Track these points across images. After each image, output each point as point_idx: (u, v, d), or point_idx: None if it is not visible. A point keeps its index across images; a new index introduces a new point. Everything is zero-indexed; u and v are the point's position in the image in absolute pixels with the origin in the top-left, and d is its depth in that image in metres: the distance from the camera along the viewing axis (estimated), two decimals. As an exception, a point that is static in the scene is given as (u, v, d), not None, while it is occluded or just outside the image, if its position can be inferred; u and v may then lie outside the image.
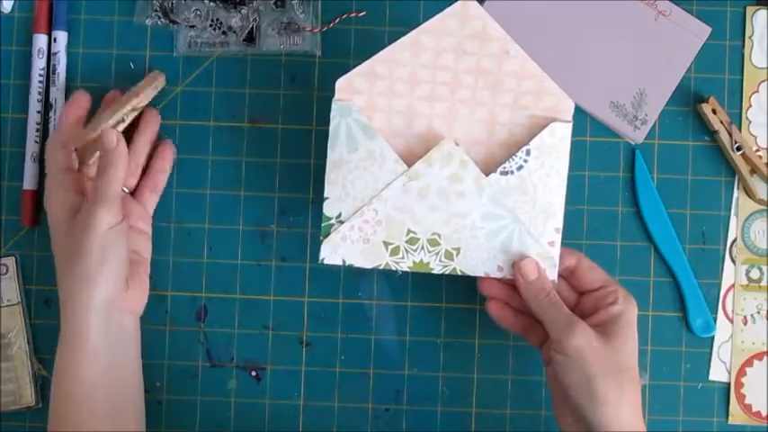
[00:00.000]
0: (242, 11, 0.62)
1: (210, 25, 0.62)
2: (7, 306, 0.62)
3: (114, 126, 0.61)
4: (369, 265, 0.55)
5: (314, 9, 0.63)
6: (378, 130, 0.54)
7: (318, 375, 0.62)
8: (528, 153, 0.55)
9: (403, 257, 0.55)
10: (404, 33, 0.63)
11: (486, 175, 0.55)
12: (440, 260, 0.55)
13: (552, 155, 0.55)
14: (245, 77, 0.63)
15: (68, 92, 0.63)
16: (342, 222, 0.54)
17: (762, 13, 0.63)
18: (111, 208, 0.53)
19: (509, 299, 0.57)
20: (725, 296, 0.62)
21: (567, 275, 0.56)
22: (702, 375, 0.62)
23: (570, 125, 0.55)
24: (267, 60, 0.63)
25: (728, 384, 0.62)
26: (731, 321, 0.62)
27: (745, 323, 0.62)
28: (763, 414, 0.62)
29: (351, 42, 0.63)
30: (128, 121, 0.60)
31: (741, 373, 0.62)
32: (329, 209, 0.54)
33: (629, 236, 0.62)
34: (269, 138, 0.63)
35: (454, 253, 0.55)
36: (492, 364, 0.62)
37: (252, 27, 0.62)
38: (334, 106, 0.54)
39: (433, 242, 0.55)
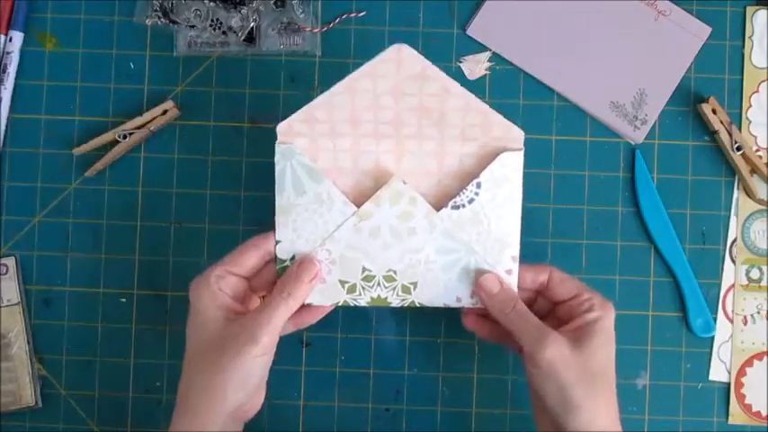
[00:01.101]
0: (242, 11, 0.62)
1: (210, 25, 0.62)
2: (7, 306, 0.62)
3: (114, 140, 0.61)
4: (326, 303, 0.55)
5: (314, 9, 0.63)
6: (324, 169, 0.54)
7: (318, 375, 0.62)
8: (479, 186, 0.54)
9: (360, 294, 0.55)
10: (404, 33, 0.63)
11: (439, 207, 0.54)
12: (397, 294, 0.55)
13: (504, 185, 0.54)
14: (245, 77, 0.63)
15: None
16: None
17: (762, 13, 0.63)
18: (272, 338, 0.51)
19: (484, 310, 0.56)
20: (725, 296, 0.62)
21: (540, 290, 0.56)
22: (702, 375, 0.62)
23: (521, 153, 0.54)
24: (267, 60, 0.63)
25: (728, 384, 0.62)
26: (731, 321, 0.62)
27: (745, 323, 0.62)
28: (763, 414, 0.62)
29: (351, 42, 0.63)
30: (129, 139, 0.61)
31: (741, 373, 0.62)
32: (282, 252, 0.54)
33: (629, 236, 0.62)
34: (269, 138, 0.62)
35: (411, 287, 0.54)
36: (492, 364, 0.62)
37: (252, 27, 0.62)
38: (277, 149, 0.53)
39: (389, 278, 0.54)
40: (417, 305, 0.55)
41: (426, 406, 0.62)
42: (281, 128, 0.53)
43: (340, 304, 0.55)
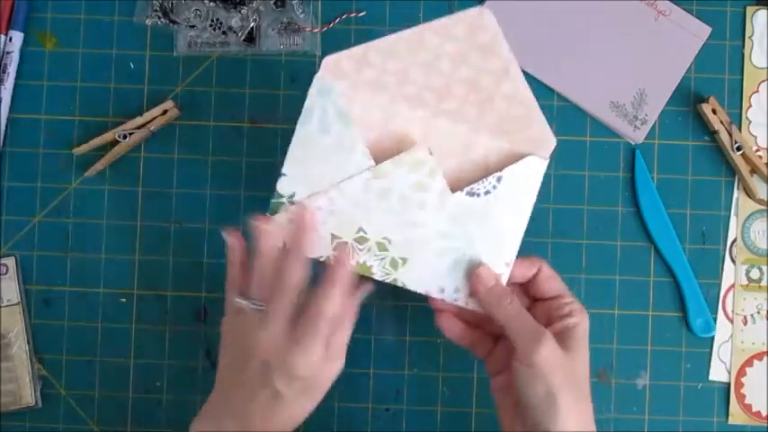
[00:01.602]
0: (242, 11, 0.62)
1: (210, 25, 0.62)
2: (7, 306, 0.62)
3: (114, 140, 0.61)
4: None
5: (314, 9, 0.63)
6: (354, 116, 0.52)
7: (318, 375, 0.62)
8: (499, 180, 0.53)
9: (348, 255, 0.53)
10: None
11: (452, 191, 0.53)
12: (384, 267, 0.53)
13: (522, 187, 0.53)
14: (245, 77, 0.63)
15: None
16: (293, 203, 0.52)
17: (762, 13, 0.63)
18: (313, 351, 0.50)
19: (461, 311, 0.55)
20: (725, 296, 0.62)
21: (525, 283, 0.55)
22: (702, 375, 0.62)
23: (546, 162, 0.54)
24: (267, 60, 0.63)
25: (728, 384, 0.62)
26: (731, 321, 0.62)
27: (745, 323, 0.62)
28: (763, 414, 0.62)
29: (351, 42, 0.63)
30: (129, 139, 0.61)
31: (741, 373, 0.62)
32: (283, 187, 0.52)
33: (629, 236, 0.62)
34: (269, 138, 0.63)
35: (400, 263, 0.53)
36: (492, 364, 0.62)
37: (252, 27, 0.62)
38: (315, 83, 0.52)
39: (382, 247, 0.53)
40: (399, 284, 0.54)
41: (426, 406, 0.62)
42: (329, 61, 0.51)
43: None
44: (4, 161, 0.63)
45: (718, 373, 0.62)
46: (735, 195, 0.63)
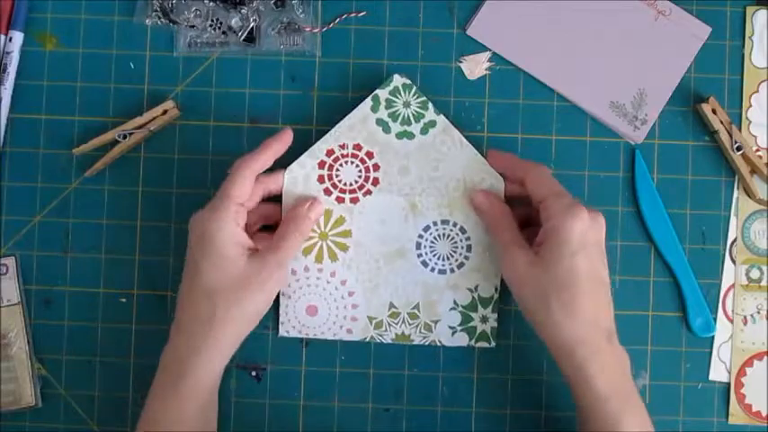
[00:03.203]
0: (242, 11, 0.62)
1: (210, 25, 0.62)
2: (7, 306, 0.62)
3: (114, 140, 0.61)
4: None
5: (314, 9, 0.63)
6: None
7: (318, 375, 0.62)
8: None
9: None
10: (404, 33, 0.63)
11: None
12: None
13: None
14: (245, 77, 0.63)
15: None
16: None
17: (762, 13, 0.63)
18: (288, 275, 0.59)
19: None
20: (725, 296, 0.62)
21: (521, 187, 0.58)
22: (702, 375, 0.62)
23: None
24: (267, 60, 0.63)
25: (728, 384, 0.62)
26: (731, 321, 0.62)
27: (745, 323, 0.62)
28: (763, 414, 0.62)
29: (351, 42, 0.63)
30: (129, 139, 0.61)
31: (741, 373, 0.62)
32: None
33: (629, 236, 0.62)
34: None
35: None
36: (492, 364, 0.62)
37: (252, 27, 0.62)
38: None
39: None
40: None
41: (426, 406, 0.62)
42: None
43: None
44: (4, 161, 0.63)
45: (718, 373, 0.62)
46: (735, 195, 0.63)
